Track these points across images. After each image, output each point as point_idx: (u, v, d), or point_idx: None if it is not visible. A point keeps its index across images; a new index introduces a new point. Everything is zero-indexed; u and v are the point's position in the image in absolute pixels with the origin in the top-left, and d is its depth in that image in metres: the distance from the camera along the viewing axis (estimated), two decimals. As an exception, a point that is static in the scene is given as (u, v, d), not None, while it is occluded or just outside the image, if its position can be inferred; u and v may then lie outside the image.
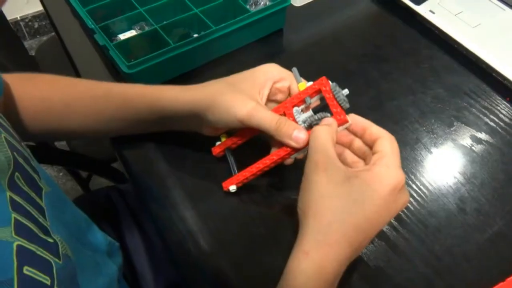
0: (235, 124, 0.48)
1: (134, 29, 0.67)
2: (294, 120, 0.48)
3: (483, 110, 0.62)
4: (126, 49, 0.63)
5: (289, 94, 0.53)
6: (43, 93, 0.54)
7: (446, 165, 0.57)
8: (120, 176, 0.97)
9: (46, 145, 0.97)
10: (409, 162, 0.56)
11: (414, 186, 0.54)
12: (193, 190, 0.54)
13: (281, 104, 0.51)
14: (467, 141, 0.59)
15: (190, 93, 0.51)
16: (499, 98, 0.63)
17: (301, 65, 0.68)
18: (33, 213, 0.36)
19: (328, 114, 0.46)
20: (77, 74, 0.71)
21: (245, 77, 0.52)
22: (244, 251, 0.50)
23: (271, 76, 0.52)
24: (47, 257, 0.34)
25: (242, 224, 0.52)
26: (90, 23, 0.64)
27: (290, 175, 0.55)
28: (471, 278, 0.47)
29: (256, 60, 0.59)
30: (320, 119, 0.46)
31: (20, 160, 0.38)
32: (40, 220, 0.36)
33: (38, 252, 0.33)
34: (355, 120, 0.46)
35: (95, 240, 0.56)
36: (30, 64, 1.13)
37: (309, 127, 0.47)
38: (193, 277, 0.49)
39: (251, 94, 0.50)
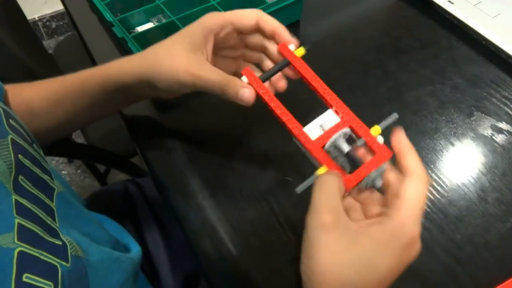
0: (185, 89, 0.49)
1: (151, 21, 0.68)
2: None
3: (503, 99, 0.61)
4: (144, 41, 0.64)
5: (240, 35, 0.51)
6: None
7: (466, 154, 0.56)
8: (138, 170, 0.98)
9: (66, 139, 0.98)
10: (428, 151, 0.56)
11: (433, 176, 0.54)
12: (211, 179, 0.55)
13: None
14: (487, 131, 0.58)
15: (134, 62, 0.51)
16: (520, 87, 0.63)
17: (318, 57, 0.68)
18: (40, 215, 0.35)
19: (346, 171, 0.41)
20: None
21: (183, 38, 0.49)
22: (262, 240, 0.50)
23: (208, 29, 0.48)
24: (52, 261, 0.34)
25: (261, 213, 0.51)
26: (108, 16, 0.65)
27: (308, 164, 0.55)
28: (493, 267, 0.47)
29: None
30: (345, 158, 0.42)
31: (27, 162, 0.37)
32: (48, 222, 0.36)
33: (42, 257, 0.33)
34: (396, 143, 0.40)
35: (112, 236, 0.56)
36: (49, 62, 1.14)
37: (329, 151, 0.43)
38: (211, 267, 0.49)
39: (193, 56, 0.48)
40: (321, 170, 0.41)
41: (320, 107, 0.45)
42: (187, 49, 0.48)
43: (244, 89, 0.46)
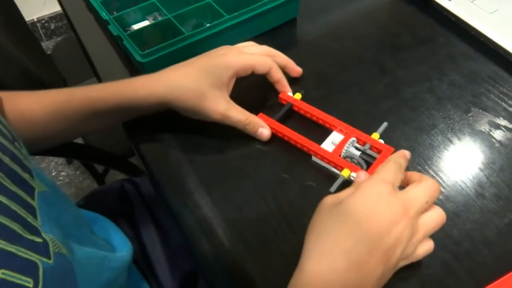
0: (210, 120, 0.55)
1: (147, 19, 0.68)
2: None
3: (501, 95, 0.61)
4: (140, 39, 0.64)
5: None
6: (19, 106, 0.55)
7: (463, 150, 0.56)
8: (136, 170, 0.98)
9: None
10: (425, 148, 0.56)
11: (430, 171, 0.53)
12: (208, 177, 0.54)
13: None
14: (485, 127, 0.58)
15: (154, 90, 0.54)
16: (518, 83, 0.62)
17: (316, 54, 0.68)
18: (20, 212, 0.35)
19: (364, 168, 0.52)
20: (92, 68, 0.72)
21: (209, 74, 0.54)
22: (259, 238, 0.49)
23: (234, 70, 0.55)
24: (32, 258, 0.33)
25: (257, 211, 0.51)
26: (104, 14, 0.65)
27: (305, 161, 0.55)
28: (491, 262, 0.46)
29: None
30: (356, 162, 0.53)
31: (6, 159, 0.37)
32: (29, 219, 0.35)
33: (20, 253, 0.32)
34: None
35: (100, 239, 0.55)
36: (47, 63, 1.14)
37: (346, 158, 0.54)
38: (209, 265, 0.49)
39: (220, 93, 0.54)
40: (345, 172, 0.51)
41: (324, 131, 0.57)
42: (214, 86, 0.54)
43: (263, 129, 0.56)
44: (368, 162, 0.52)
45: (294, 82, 0.63)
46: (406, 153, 0.48)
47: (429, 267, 0.46)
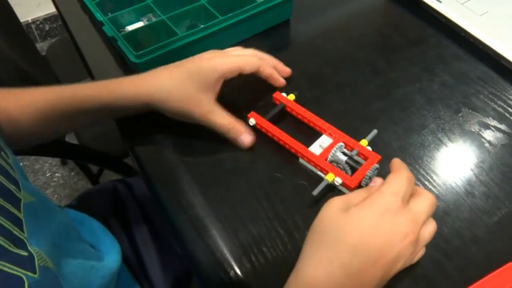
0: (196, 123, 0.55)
1: (142, 20, 0.68)
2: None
3: (491, 96, 0.62)
4: (134, 40, 0.64)
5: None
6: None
7: (453, 150, 0.57)
8: (130, 171, 0.98)
9: (58, 139, 0.98)
10: (415, 147, 0.56)
11: (421, 171, 0.54)
12: (202, 176, 0.55)
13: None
14: (475, 127, 0.59)
15: (139, 92, 0.54)
16: (507, 84, 0.63)
17: (309, 55, 0.69)
18: (5, 225, 0.35)
19: (348, 174, 0.52)
20: (87, 69, 0.72)
21: (194, 78, 0.53)
22: (252, 237, 0.50)
23: (221, 73, 0.54)
24: (17, 273, 0.33)
25: (250, 209, 0.52)
26: (98, 16, 0.65)
27: (296, 161, 0.55)
28: (480, 260, 0.47)
29: (263, 52, 0.61)
30: (342, 168, 0.53)
31: None
32: (15, 232, 0.35)
33: (5, 269, 0.32)
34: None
35: (88, 245, 0.55)
36: (42, 63, 1.14)
37: (332, 162, 0.53)
38: (202, 264, 0.49)
39: (204, 97, 0.54)
40: (329, 176, 0.51)
41: (314, 134, 0.57)
42: (199, 89, 0.53)
43: (244, 135, 0.55)
44: (353, 168, 0.52)
45: (287, 82, 0.63)
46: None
47: (420, 265, 0.47)
